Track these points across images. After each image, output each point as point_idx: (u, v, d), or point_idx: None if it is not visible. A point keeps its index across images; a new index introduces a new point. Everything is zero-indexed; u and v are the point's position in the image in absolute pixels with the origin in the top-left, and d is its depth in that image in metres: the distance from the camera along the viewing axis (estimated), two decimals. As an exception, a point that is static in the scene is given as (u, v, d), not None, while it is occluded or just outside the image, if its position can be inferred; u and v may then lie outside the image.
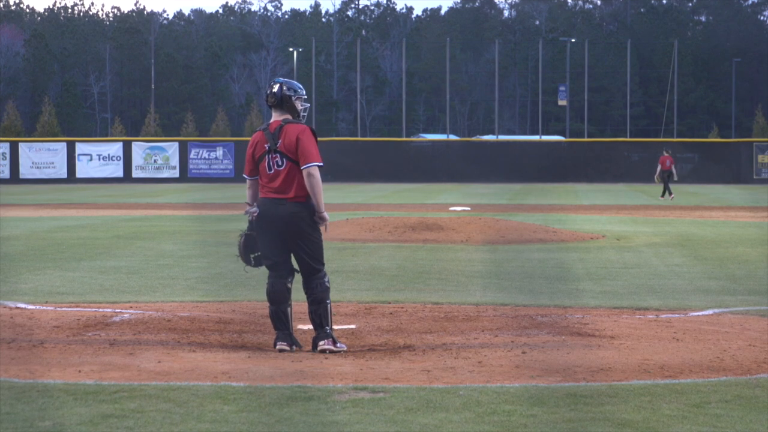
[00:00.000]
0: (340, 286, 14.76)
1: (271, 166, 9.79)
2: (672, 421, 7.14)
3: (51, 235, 24.87)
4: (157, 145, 68.79)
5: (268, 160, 9.80)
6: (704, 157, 70.44)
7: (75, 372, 8.63)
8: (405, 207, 38.86)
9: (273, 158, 9.78)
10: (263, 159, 9.82)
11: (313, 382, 8.28)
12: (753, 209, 38.49)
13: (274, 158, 9.78)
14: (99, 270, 17.23)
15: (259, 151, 9.84)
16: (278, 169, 9.78)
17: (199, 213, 35.08)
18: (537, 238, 23.23)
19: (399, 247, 21.44)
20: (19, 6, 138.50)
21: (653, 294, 14.50)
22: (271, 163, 9.79)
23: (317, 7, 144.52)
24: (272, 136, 9.81)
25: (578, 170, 69.35)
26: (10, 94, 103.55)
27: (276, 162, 9.78)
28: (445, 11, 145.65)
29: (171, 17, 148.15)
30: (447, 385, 8.16)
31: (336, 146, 68.62)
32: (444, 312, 12.31)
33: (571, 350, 9.76)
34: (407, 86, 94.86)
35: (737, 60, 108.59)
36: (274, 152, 9.78)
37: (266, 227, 9.82)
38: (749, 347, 10.05)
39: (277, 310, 9.82)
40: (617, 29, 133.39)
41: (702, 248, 21.85)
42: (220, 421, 7.04)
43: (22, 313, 12.05)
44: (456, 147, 74.43)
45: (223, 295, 14.01)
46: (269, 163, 9.79)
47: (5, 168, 64.74)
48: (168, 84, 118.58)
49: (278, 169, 9.78)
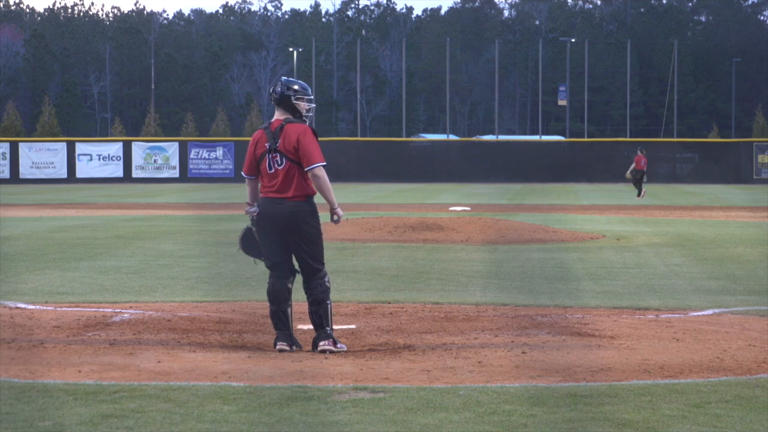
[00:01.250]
0: (340, 286, 14.76)
1: (272, 166, 9.78)
2: (672, 421, 7.14)
3: (51, 235, 24.87)
4: (157, 145, 68.78)
5: (269, 159, 9.79)
6: (704, 157, 70.44)
7: (75, 372, 8.63)
8: (405, 207, 38.85)
9: (273, 158, 9.78)
10: (264, 158, 9.81)
11: (313, 382, 8.28)
12: (753, 209, 38.48)
13: (274, 158, 9.78)
14: (99, 270, 17.23)
15: (260, 150, 9.83)
16: (278, 169, 9.77)
17: (199, 213, 35.07)
18: (537, 238, 23.23)
19: (399, 247, 21.44)
20: (19, 6, 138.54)
21: (653, 294, 14.50)
22: (271, 163, 9.78)
23: (317, 7, 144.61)
24: (273, 135, 9.80)
25: (578, 170, 69.32)
26: (10, 94, 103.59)
27: (276, 161, 9.77)
28: (445, 11, 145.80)
29: (171, 17, 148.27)
30: (447, 385, 8.16)
31: (336, 146, 68.61)
32: (444, 312, 12.31)
33: (571, 350, 9.76)
34: (407, 86, 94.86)
35: (737, 60, 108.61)
36: (274, 152, 9.78)
37: (266, 227, 9.82)
38: (749, 347, 10.05)
39: (278, 311, 9.81)
40: (617, 29, 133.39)
41: (702, 248, 21.85)
42: (220, 421, 7.04)
43: (22, 313, 12.05)
44: (456, 147, 74.42)
45: (223, 295, 14.00)
46: (269, 162, 9.79)
47: (5, 168, 64.72)
48: (168, 84, 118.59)
49: (278, 169, 9.77)
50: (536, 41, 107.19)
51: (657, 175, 68.54)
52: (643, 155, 46.90)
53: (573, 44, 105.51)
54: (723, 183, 66.56)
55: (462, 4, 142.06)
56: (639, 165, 46.56)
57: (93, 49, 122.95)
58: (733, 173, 68.74)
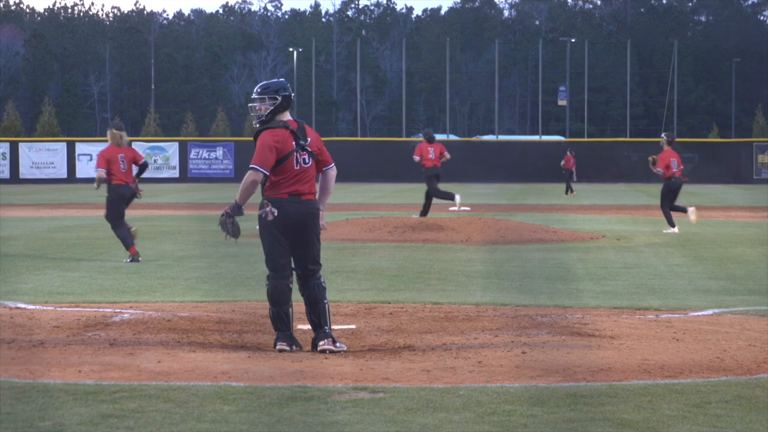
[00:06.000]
0: (340, 286, 14.76)
1: (298, 163, 9.79)
2: (672, 421, 7.14)
3: (51, 235, 24.87)
4: (157, 145, 68.79)
5: (297, 157, 9.79)
6: (704, 157, 70.40)
7: (75, 372, 8.62)
8: (405, 207, 38.84)
9: (301, 156, 9.80)
10: (290, 156, 9.79)
11: (313, 382, 8.28)
12: (753, 209, 38.48)
13: (302, 156, 9.80)
14: (99, 270, 17.23)
15: (288, 148, 9.78)
16: (305, 167, 9.81)
17: (199, 213, 35.07)
18: (537, 238, 23.23)
19: (399, 247, 21.43)
20: (19, 6, 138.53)
21: (653, 294, 14.50)
22: (299, 160, 9.79)
23: (317, 7, 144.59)
24: (301, 133, 9.83)
25: (578, 170, 69.27)
26: (10, 94, 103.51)
27: (303, 160, 9.81)
28: (445, 11, 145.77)
29: (171, 17, 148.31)
30: (447, 385, 8.16)
31: (336, 146, 68.57)
32: (444, 312, 12.31)
33: (571, 350, 9.75)
34: (407, 86, 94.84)
35: (737, 60, 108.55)
36: (302, 150, 9.81)
37: (284, 227, 9.77)
38: (749, 347, 10.05)
39: (279, 311, 9.80)
40: (617, 29, 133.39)
41: (702, 248, 21.85)
42: (220, 421, 7.04)
43: (22, 313, 12.05)
44: (456, 147, 74.41)
45: (223, 295, 14.00)
46: (297, 160, 9.79)
47: (5, 168, 64.72)
48: (168, 84, 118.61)
49: (305, 167, 9.81)
50: (536, 41, 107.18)
51: (657, 175, 68.56)
52: (572, 155, 49.53)
53: (573, 44, 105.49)
54: (723, 183, 66.55)
55: (462, 4, 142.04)
56: (568, 164, 49.25)
57: (93, 49, 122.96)
58: (733, 173, 68.73)
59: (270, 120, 9.92)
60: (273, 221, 9.75)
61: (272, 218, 9.74)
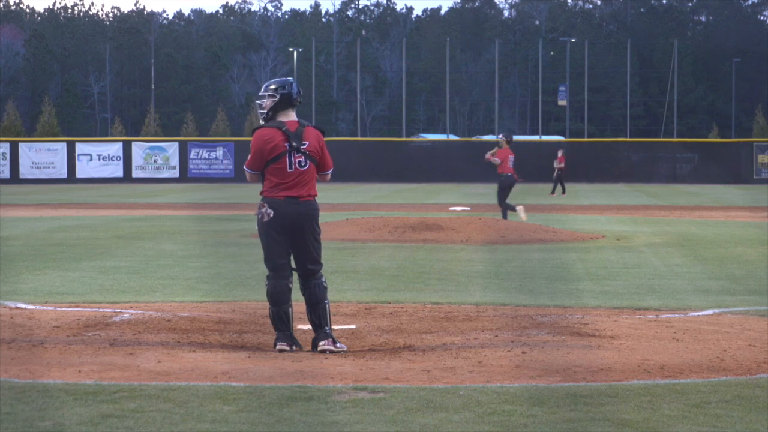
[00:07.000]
0: (340, 286, 14.76)
1: (292, 165, 9.76)
2: (672, 421, 7.14)
3: (51, 235, 24.87)
4: (157, 145, 68.76)
5: (289, 159, 9.77)
6: (704, 157, 70.41)
7: (75, 372, 8.62)
8: (405, 207, 38.84)
9: (296, 158, 9.77)
10: (281, 157, 9.78)
11: (313, 382, 8.27)
12: (753, 209, 38.47)
13: (298, 158, 9.77)
14: (99, 270, 17.22)
15: (279, 149, 9.77)
16: (300, 169, 9.77)
17: (199, 213, 35.07)
18: (537, 238, 23.23)
19: (399, 247, 21.43)
20: (19, 6, 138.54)
21: (653, 294, 14.50)
22: (292, 162, 9.76)
23: (317, 7, 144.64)
24: (296, 136, 9.79)
25: (578, 170, 69.31)
26: (10, 94, 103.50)
27: (299, 162, 9.77)
28: (445, 11, 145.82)
29: (171, 17, 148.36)
30: (447, 385, 8.15)
31: (336, 146, 68.56)
32: (444, 312, 12.30)
33: (571, 350, 9.75)
34: (407, 86, 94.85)
35: (737, 60, 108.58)
36: (297, 152, 9.78)
37: (279, 227, 9.78)
38: (749, 347, 10.05)
39: (279, 311, 9.80)
40: (617, 29, 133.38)
41: (702, 248, 21.85)
42: (220, 421, 7.04)
43: (22, 313, 12.05)
44: (456, 147, 74.41)
45: (223, 295, 14.00)
46: (290, 162, 9.77)
47: (5, 168, 64.70)
48: (168, 84, 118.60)
49: (300, 169, 9.77)
50: (536, 41, 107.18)
51: (657, 175, 68.58)
52: (563, 156, 50.22)
53: (573, 44, 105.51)
54: (723, 183, 66.53)
55: (462, 4, 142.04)
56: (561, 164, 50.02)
57: (93, 49, 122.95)
58: (733, 173, 68.72)
59: (270, 118, 9.93)
60: (269, 222, 9.76)
61: (268, 219, 9.76)
